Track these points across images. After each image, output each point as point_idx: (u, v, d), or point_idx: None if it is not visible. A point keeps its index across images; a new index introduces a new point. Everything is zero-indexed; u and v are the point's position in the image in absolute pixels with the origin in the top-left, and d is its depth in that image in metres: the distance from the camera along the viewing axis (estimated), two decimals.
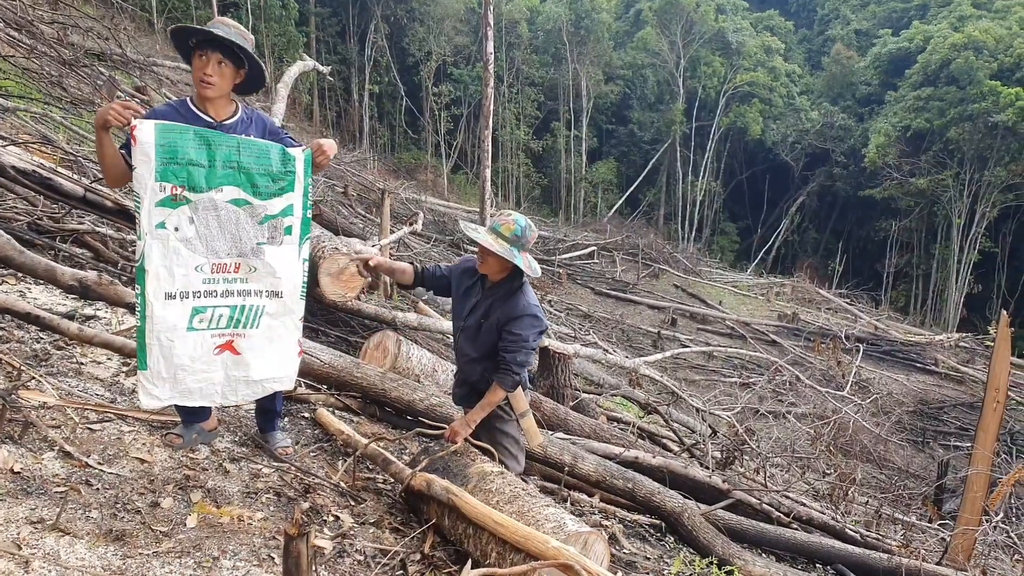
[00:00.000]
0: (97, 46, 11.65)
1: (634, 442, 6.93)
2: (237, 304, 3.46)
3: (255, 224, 3.44)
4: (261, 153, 3.43)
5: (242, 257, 3.44)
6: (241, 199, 3.39)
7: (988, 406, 8.10)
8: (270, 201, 3.46)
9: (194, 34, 3.46)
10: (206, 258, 3.35)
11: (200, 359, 3.40)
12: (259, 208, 3.44)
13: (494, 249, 3.68)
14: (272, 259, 3.50)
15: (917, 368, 22.09)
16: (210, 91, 3.50)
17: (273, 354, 3.64)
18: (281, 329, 3.64)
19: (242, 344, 3.51)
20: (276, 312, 3.59)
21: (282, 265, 3.53)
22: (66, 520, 2.89)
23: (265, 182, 3.44)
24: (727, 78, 43.79)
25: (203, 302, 3.37)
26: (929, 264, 39.08)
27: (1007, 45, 36.69)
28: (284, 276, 3.55)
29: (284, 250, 3.53)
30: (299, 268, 3.61)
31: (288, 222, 3.53)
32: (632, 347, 18.25)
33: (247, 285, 3.48)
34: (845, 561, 6.41)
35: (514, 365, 3.81)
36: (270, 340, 3.61)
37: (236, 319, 3.47)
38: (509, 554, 3.22)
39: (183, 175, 3.25)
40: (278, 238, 3.51)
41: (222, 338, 3.46)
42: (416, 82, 40.98)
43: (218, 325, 3.43)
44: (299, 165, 3.52)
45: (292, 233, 3.55)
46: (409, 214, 16.38)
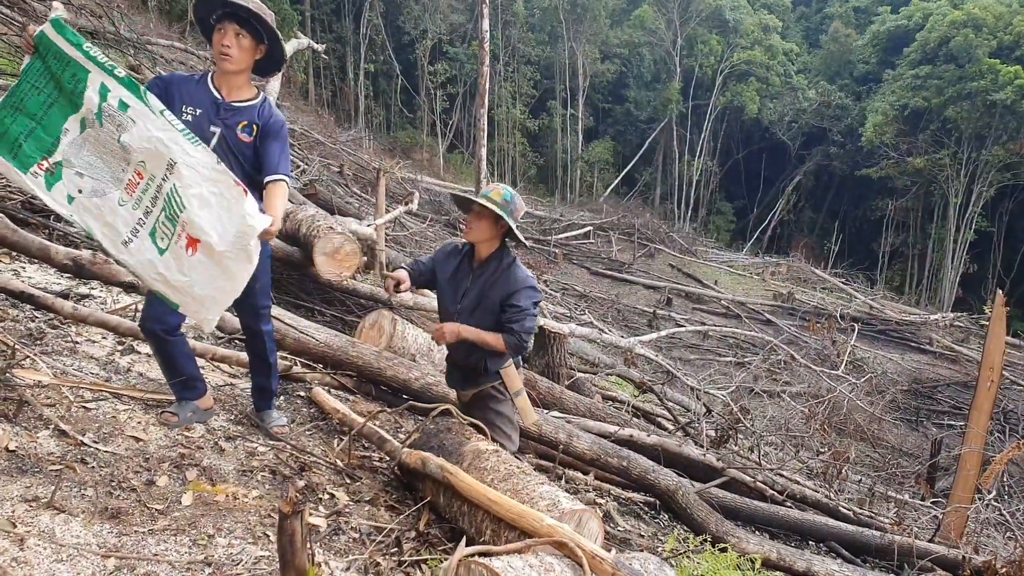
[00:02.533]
0: (90, 24, 11.54)
1: (629, 421, 6.96)
2: (162, 202, 3.31)
3: (102, 127, 3.29)
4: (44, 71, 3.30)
5: (128, 162, 3.31)
6: (81, 119, 3.29)
7: (982, 385, 8.14)
8: (85, 98, 3.26)
9: (214, 7, 3.48)
10: (117, 190, 3.32)
11: (191, 269, 3.31)
12: (87, 113, 3.28)
13: (488, 205, 3.70)
14: (135, 139, 3.26)
15: (912, 347, 22.17)
16: (229, 63, 3.52)
17: (222, 210, 3.32)
18: (204, 185, 3.31)
19: (193, 229, 3.29)
20: (186, 178, 3.27)
21: (145, 135, 3.26)
22: (61, 498, 2.89)
23: (70, 87, 3.27)
24: (724, 56, 43.56)
25: (150, 222, 3.32)
26: (925, 244, 39.08)
27: (1007, 23, 36.54)
28: (154, 142, 3.26)
29: (137, 123, 3.25)
30: (160, 121, 3.26)
31: (113, 100, 3.25)
32: (628, 327, 18.28)
33: (153, 180, 3.30)
34: (838, 538, 6.46)
35: (522, 332, 3.86)
36: (207, 204, 3.31)
37: (171, 215, 3.30)
38: (504, 531, 3.23)
39: (37, 145, 3.26)
40: (122, 120, 3.26)
41: (181, 238, 3.30)
42: (412, 61, 40.73)
43: (171, 232, 3.31)
44: (56, 41, 3.26)
45: (127, 106, 3.25)
46: (405, 193, 16.29)
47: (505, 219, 3.74)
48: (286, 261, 7.13)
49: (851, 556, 6.38)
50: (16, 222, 4.78)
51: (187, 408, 3.87)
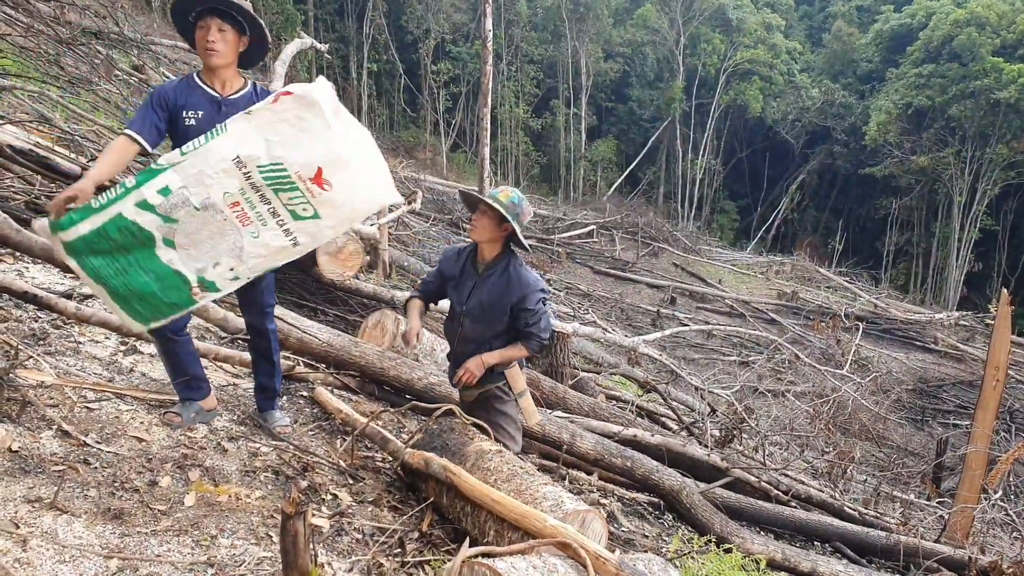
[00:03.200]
0: (94, 24, 11.54)
1: (633, 420, 6.94)
2: (269, 192, 3.27)
3: (178, 222, 3.21)
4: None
5: (220, 209, 3.24)
6: (163, 240, 3.23)
7: (987, 384, 8.12)
8: (145, 226, 3.18)
9: (191, 5, 3.48)
10: (241, 234, 3.29)
11: (341, 191, 3.30)
12: (161, 232, 3.21)
13: (493, 205, 3.70)
14: (199, 193, 3.20)
15: (917, 346, 22.13)
16: (216, 58, 3.53)
17: (298, 132, 3.29)
18: (265, 134, 3.26)
19: (304, 170, 3.25)
20: (252, 153, 3.21)
21: (199, 183, 3.20)
22: (64, 499, 2.89)
23: (127, 239, 3.20)
24: (727, 55, 43.47)
25: (284, 212, 3.32)
26: (929, 242, 38.99)
27: (1010, 21, 36.42)
28: (207, 176, 3.20)
29: (186, 184, 3.19)
30: (189, 159, 3.19)
31: (155, 199, 3.16)
32: (631, 326, 18.27)
33: (245, 192, 3.25)
34: (843, 539, 6.44)
35: (542, 332, 3.93)
36: (287, 143, 3.25)
37: (281, 187, 3.26)
38: (507, 532, 3.22)
39: (173, 290, 3.28)
40: (178, 198, 3.19)
41: (309, 189, 3.26)
42: (415, 60, 40.71)
43: (300, 196, 3.29)
44: (75, 234, 3.15)
45: (168, 189, 3.17)
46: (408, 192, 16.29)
47: (509, 221, 3.73)
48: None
49: (856, 556, 6.37)
50: (20, 222, 4.77)
51: (191, 409, 3.87)
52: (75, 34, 10.59)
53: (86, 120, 9.24)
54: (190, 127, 3.53)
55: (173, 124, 3.58)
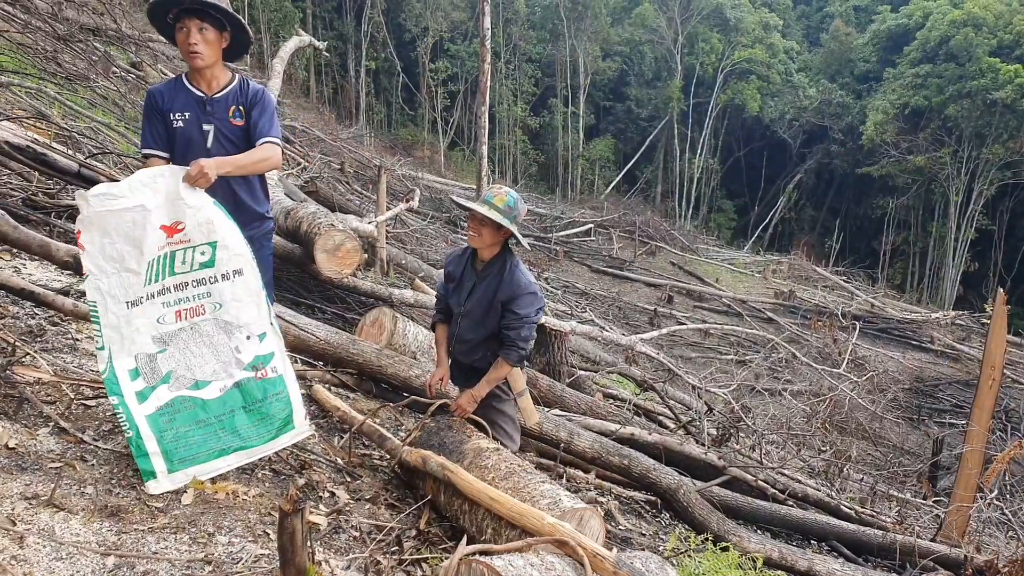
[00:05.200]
0: (92, 21, 11.51)
1: (630, 419, 6.95)
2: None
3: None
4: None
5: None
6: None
7: (984, 384, 8.13)
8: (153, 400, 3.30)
9: (168, 6, 3.43)
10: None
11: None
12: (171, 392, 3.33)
13: (490, 215, 3.68)
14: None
15: (913, 346, 22.14)
16: (199, 60, 3.49)
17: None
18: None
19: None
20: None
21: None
22: (61, 496, 2.88)
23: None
24: (725, 55, 43.49)
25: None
26: (926, 242, 39.04)
27: (1007, 22, 36.48)
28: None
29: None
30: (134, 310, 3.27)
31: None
32: (628, 324, 18.27)
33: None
34: (840, 537, 6.45)
35: (519, 341, 3.84)
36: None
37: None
38: (505, 530, 3.22)
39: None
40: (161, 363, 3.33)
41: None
42: (413, 58, 40.71)
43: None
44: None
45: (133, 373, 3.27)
46: (406, 191, 16.30)
47: (508, 227, 3.72)
48: (287, 258, 7.12)
49: (853, 555, 6.38)
50: (17, 219, 4.76)
51: None
52: (73, 30, 10.56)
53: (84, 117, 9.23)
54: (178, 129, 3.55)
55: (166, 127, 3.58)
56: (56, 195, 6.43)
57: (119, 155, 7.94)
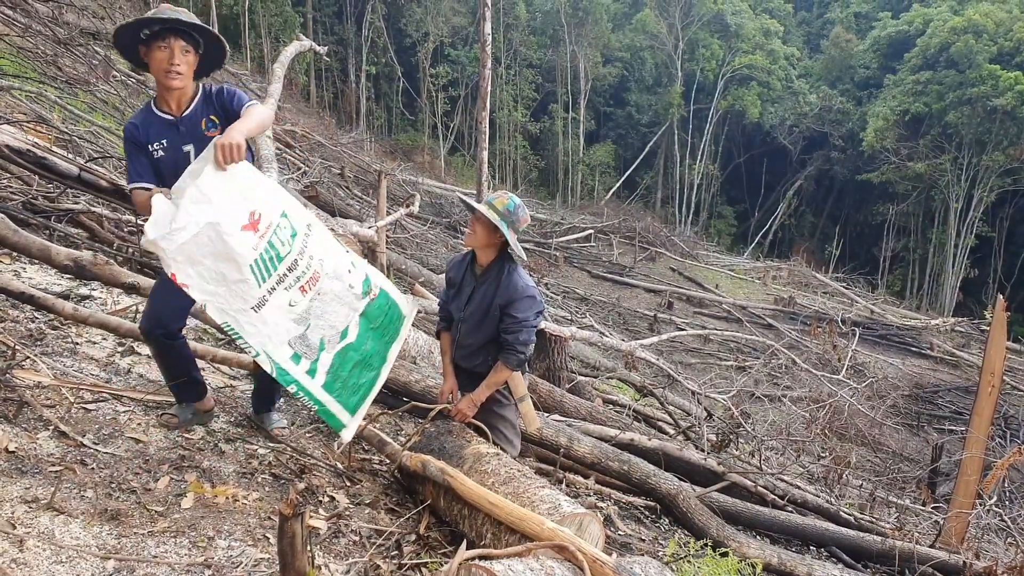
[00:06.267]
0: (92, 25, 11.57)
1: (630, 424, 6.94)
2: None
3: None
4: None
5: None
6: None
7: (983, 390, 8.12)
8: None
9: (150, 24, 3.29)
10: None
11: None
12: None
13: (486, 214, 3.67)
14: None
15: (913, 352, 22.15)
16: (178, 81, 3.36)
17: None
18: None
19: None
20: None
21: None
22: (61, 499, 2.88)
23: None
24: (725, 61, 43.57)
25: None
26: (926, 248, 39.07)
27: (1007, 29, 36.57)
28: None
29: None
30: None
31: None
32: (628, 330, 18.27)
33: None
34: (839, 544, 6.44)
35: (518, 345, 3.83)
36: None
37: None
38: (504, 535, 3.22)
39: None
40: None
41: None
42: (413, 63, 40.77)
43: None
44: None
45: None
46: (406, 196, 16.31)
47: (502, 230, 3.70)
48: None
49: (852, 561, 6.37)
50: (17, 223, 4.77)
51: (188, 410, 3.86)
52: (73, 34, 10.60)
53: (84, 120, 9.24)
54: (160, 159, 3.42)
55: (148, 158, 3.44)
56: (56, 199, 6.44)
57: (119, 159, 7.95)
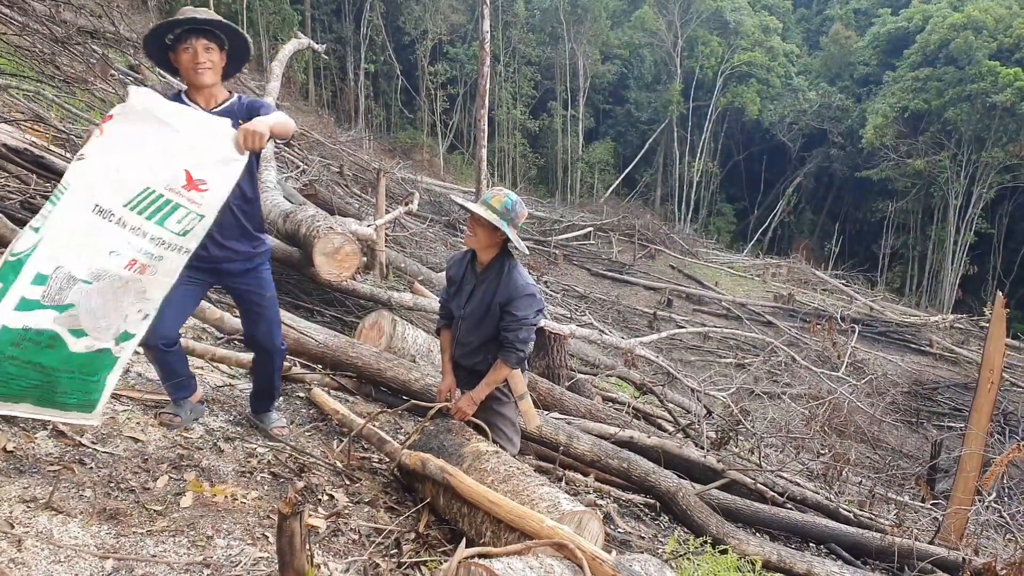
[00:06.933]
0: (90, 24, 11.56)
1: (629, 422, 6.94)
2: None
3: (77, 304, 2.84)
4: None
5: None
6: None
7: (982, 387, 8.11)
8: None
9: (174, 26, 3.38)
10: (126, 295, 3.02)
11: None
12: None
13: (484, 215, 3.67)
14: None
15: (912, 349, 22.14)
16: (207, 76, 3.43)
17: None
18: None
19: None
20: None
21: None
22: (59, 499, 2.88)
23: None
24: (725, 58, 43.51)
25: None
26: (925, 245, 39.05)
27: (1007, 25, 36.51)
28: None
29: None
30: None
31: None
32: (628, 328, 18.25)
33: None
34: (838, 540, 6.44)
35: (517, 343, 3.83)
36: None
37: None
38: (504, 533, 3.22)
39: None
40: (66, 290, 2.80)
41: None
42: (412, 61, 40.73)
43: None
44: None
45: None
46: (405, 194, 16.28)
47: (503, 229, 3.71)
48: (286, 261, 7.12)
49: (851, 558, 6.37)
50: (15, 222, 4.77)
51: (185, 407, 3.86)
52: (71, 33, 10.58)
53: (82, 119, 9.23)
54: None
55: None
56: None
57: None
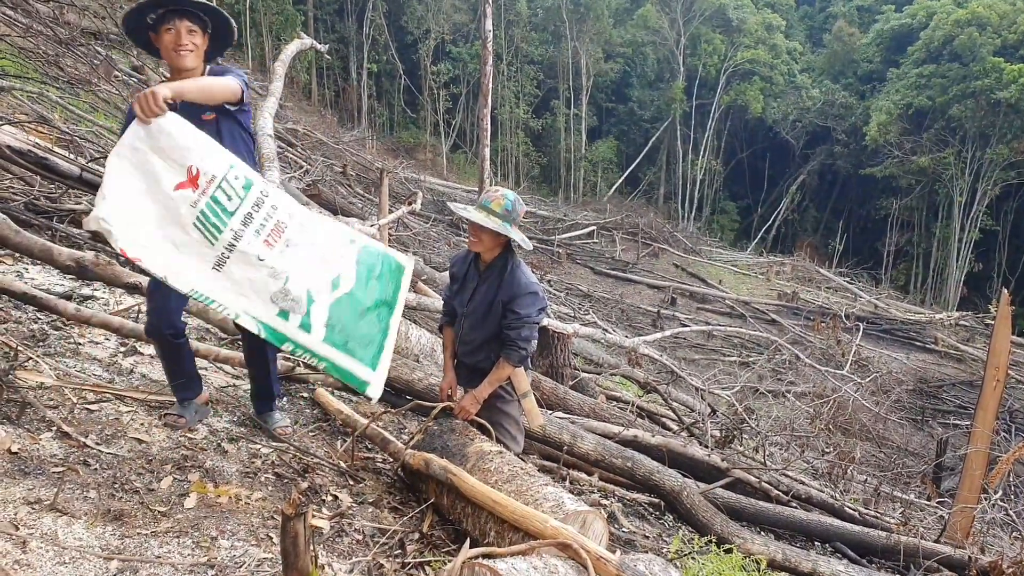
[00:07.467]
0: (94, 25, 11.56)
1: (633, 421, 6.93)
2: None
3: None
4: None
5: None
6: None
7: (988, 384, 8.10)
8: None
9: (157, 6, 3.34)
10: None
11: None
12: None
13: (487, 224, 3.68)
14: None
15: (917, 347, 22.11)
16: (188, 60, 3.40)
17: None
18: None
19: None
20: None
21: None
22: (64, 500, 2.88)
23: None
24: (728, 56, 43.45)
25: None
26: (930, 243, 38.97)
27: (1011, 21, 36.39)
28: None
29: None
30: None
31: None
32: (632, 327, 18.25)
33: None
34: (844, 539, 6.43)
35: (520, 341, 3.84)
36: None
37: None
38: (508, 533, 3.22)
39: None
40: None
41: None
42: (415, 60, 40.72)
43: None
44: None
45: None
46: (408, 194, 16.33)
47: (505, 232, 3.72)
48: None
49: (857, 557, 6.36)
50: (19, 223, 4.77)
51: (191, 408, 3.86)
52: (74, 35, 10.58)
53: (85, 121, 9.24)
54: None
55: None
56: (58, 199, 6.45)
57: None
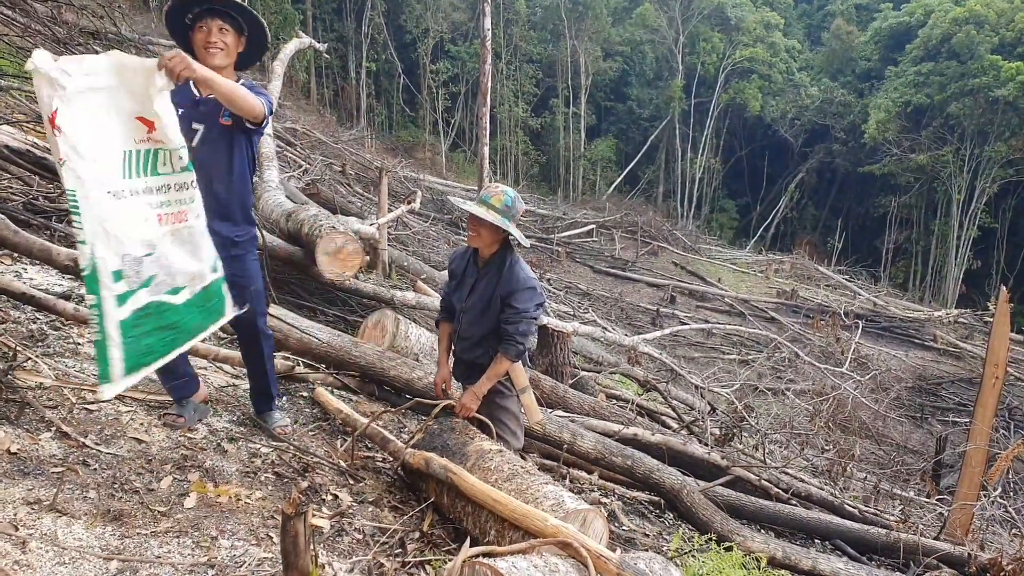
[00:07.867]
0: (92, 24, 11.53)
1: (633, 419, 6.94)
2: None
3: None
4: None
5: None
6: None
7: (987, 382, 8.11)
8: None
9: (192, 5, 3.40)
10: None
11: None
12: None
13: (487, 218, 3.69)
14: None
15: (916, 344, 22.13)
16: (218, 58, 3.44)
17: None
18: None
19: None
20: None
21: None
22: (63, 500, 2.88)
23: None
24: (726, 54, 43.42)
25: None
26: (928, 240, 38.96)
27: (1009, 19, 36.37)
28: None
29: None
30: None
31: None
32: (631, 325, 18.25)
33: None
34: (843, 536, 6.44)
35: (517, 336, 3.85)
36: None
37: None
38: (508, 532, 3.22)
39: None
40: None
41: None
42: (413, 59, 40.68)
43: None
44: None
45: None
46: (407, 192, 16.30)
47: (504, 227, 3.73)
48: (288, 261, 7.11)
49: (856, 554, 6.37)
50: (17, 223, 4.76)
51: (189, 407, 3.86)
52: (72, 34, 10.57)
53: None
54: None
55: None
56: (56, 199, 6.43)
57: None
